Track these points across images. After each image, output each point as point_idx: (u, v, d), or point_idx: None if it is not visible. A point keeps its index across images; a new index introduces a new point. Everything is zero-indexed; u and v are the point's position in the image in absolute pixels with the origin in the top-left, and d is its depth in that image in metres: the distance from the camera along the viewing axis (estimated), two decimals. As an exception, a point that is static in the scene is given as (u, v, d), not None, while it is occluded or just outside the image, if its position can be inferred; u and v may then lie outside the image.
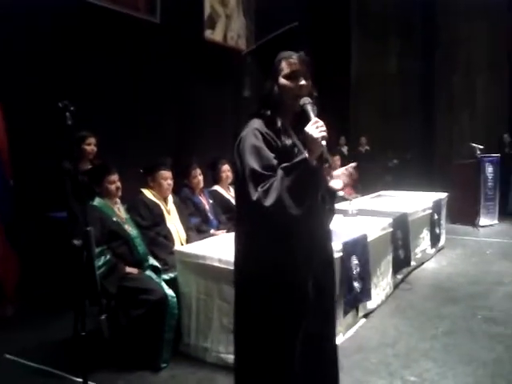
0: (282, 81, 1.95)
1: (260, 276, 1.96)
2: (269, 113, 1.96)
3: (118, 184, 3.73)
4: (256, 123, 1.96)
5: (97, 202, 3.65)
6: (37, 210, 4.73)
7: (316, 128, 1.81)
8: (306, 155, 1.82)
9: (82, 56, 5.40)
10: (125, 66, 6.00)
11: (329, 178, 2.10)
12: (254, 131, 1.91)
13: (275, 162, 1.87)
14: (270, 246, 1.93)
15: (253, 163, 1.84)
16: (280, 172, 1.82)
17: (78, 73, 5.30)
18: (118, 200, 3.80)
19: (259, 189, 1.79)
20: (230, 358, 3.28)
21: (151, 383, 3.19)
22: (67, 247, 3.17)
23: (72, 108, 2.14)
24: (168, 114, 6.67)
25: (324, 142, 1.81)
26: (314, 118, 1.85)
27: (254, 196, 1.79)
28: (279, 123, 1.95)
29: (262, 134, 1.90)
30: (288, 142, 1.94)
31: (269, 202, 1.77)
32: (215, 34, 7.66)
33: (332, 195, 2.14)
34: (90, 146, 4.72)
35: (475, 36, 10.81)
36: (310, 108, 1.90)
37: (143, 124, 6.19)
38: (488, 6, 10.52)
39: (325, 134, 1.81)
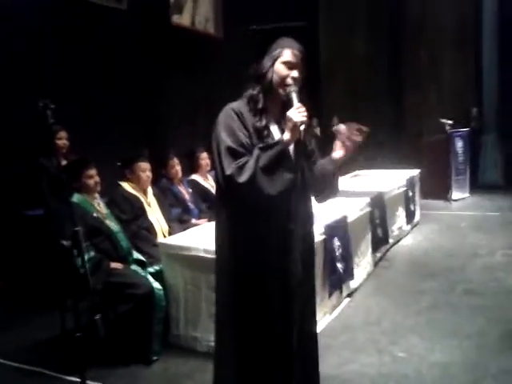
0: (280, 66, 1.98)
1: (239, 261, 2.00)
2: (255, 92, 2.00)
3: (97, 178, 3.65)
4: (234, 103, 2.01)
5: (76, 198, 3.57)
6: (11, 208, 4.62)
7: (298, 113, 1.87)
8: (284, 137, 1.89)
9: (47, 47, 5.24)
10: (93, 56, 5.85)
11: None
12: (229, 111, 1.97)
13: (249, 141, 1.92)
14: (245, 227, 1.97)
15: (228, 141, 1.89)
16: (256, 151, 1.86)
17: (44, 64, 5.15)
18: (98, 195, 3.73)
19: (233, 165, 1.83)
20: (221, 346, 3.31)
21: (143, 377, 3.19)
22: (52, 247, 3.12)
23: (52, 106, 2.09)
24: (139, 102, 6.55)
25: (303, 127, 1.87)
26: (296, 104, 1.91)
27: (228, 171, 1.83)
28: (261, 104, 1.99)
29: (236, 113, 1.96)
30: (261, 124, 1.98)
31: (242, 178, 1.81)
32: (183, 19, 7.53)
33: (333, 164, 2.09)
34: (62, 140, 4.64)
35: (442, 14, 10.92)
36: (294, 95, 1.94)
37: (113, 115, 6.06)
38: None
39: (305, 118, 1.87)
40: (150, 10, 6.72)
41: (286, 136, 1.88)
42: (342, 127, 2.02)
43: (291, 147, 1.93)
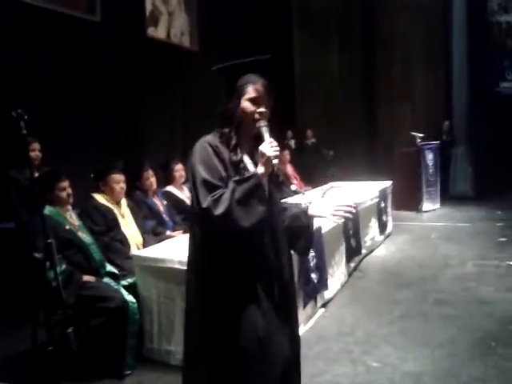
0: (245, 103, 2.03)
1: (210, 282, 2.01)
2: (227, 130, 2.04)
3: (69, 190, 3.61)
4: (208, 137, 2.06)
5: (47, 210, 3.52)
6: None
7: (270, 147, 1.94)
8: (258, 170, 1.94)
9: (20, 58, 5.19)
10: (67, 68, 5.81)
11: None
12: (204, 144, 2.01)
13: (224, 174, 1.96)
14: (218, 255, 1.99)
15: (203, 174, 1.92)
16: (231, 184, 1.90)
17: (17, 75, 5.09)
18: (70, 207, 3.70)
19: (209, 198, 1.87)
20: (195, 359, 3.29)
21: (117, 391, 3.15)
22: (24, 259, 3.07)
23: (26, 117, 2.07)
24: (114, 115, 6.52)
25: (276, 161, 1.94)
26: (268, 139, 1.98)
27: (205, 204, 1.86)
28: (234, 141, 2.04)
29: (211, 146, 2.00)
30: (236, 158, 2.03)
31: (218, 211, 1.84)
32: (158, 32, 7.55)
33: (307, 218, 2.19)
34: (35, 151, 4.57)
35: (412, 29, 11.20)
36: (264, 129, 2.02)
37: (87, 126, 6.02)
38: (423, 2, 10.95)
39: (277, 152, 1.94)
40: (125, 23, 6.72)
41: (260, 170, 1.94)
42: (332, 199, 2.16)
43: (264, 180, 1.97)
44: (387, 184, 7.42)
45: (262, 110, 2.03)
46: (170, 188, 4.99)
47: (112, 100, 6.43)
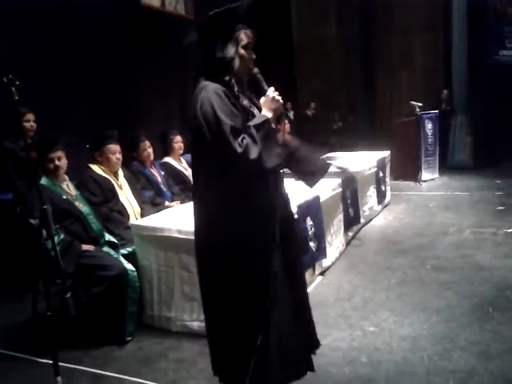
0: (242, 51, 2.12)
1: (232, 237, 2.06)
2: (227, 78, 2.10)
3: (57, 162, 3.54)
4: (213, 85, 2.06)
5: (44, 180, 3.52)
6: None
7: (274, 91, 2.10)
8: (268, 115, 2.05)
9: (13, 30, 5.11)
10: (60, 37, 5.73)
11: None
12: (216, 91, 2.03)
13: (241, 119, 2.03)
14: (246, 202, 2.04)
15: (227, 120, 1.96)
16: (252, 129, 1.98)
17: (8, 45, 5.02)
18: (67, 177, 3.69)
19: (241, 143, 1.93)
20: (195, 325, 3.34)
21: (118, 357, 3.19)
22: (22, 229, 3.08)
23: (17, 82, 2.04)
24: (110, 85, 6.46)
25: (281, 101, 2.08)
26: (266, 86, 2.13)
27: (239, 149, 1.92)
28: (236, 87, 2.11)
29: (225, 94, 2.04)
30: (245, 102, 2.14)
31: (253, 155, 1.92)
32: (152, 0, 7.42)
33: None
34: (29, 122, 4.53)
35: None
36: (260, 77, 2.15)
37: (83, 97, 5.98)
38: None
39: (280, 98, 2.10)
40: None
41: (269, 115, 2.05)
42: None
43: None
44: (385, 154, 7.39)
45: (253, 55, 2.14)
46: (168, 159, 4.97)
47: (107, 69, 6.36)
